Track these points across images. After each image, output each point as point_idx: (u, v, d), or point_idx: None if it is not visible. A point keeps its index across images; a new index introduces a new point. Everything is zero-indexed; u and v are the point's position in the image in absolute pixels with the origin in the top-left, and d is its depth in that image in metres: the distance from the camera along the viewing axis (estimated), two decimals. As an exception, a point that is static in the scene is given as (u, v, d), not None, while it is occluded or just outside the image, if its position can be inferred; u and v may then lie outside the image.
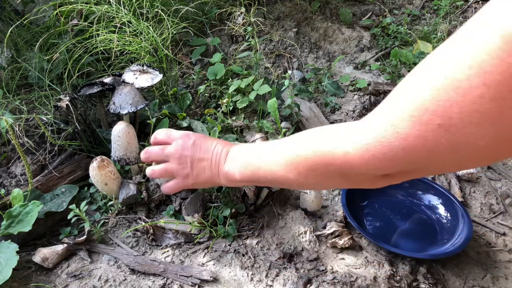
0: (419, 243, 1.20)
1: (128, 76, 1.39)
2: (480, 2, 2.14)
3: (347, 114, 1.63)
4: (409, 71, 1.82)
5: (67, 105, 1.34)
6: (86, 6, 1.50)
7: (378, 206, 1.31)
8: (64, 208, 1.22)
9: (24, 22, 1.62)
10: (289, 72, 1.69)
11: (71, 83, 1.46)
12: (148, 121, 1.36)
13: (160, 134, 1.06)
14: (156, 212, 1.29)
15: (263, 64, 1.78)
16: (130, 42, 1.47)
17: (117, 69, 1.56)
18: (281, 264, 1.10)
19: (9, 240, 1.08)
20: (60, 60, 1.53)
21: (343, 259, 1.13)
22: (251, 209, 1.26)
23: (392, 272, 1.08)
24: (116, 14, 1.47)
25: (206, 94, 1.66)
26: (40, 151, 1.40)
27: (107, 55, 1.55)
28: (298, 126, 1.57)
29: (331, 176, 0.72)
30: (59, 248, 1.15)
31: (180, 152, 0.99)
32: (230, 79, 1.67)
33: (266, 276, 1.07)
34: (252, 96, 1.57)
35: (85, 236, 1.17)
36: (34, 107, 1.49)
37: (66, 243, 1.17)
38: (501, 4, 0.43)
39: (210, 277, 1.06)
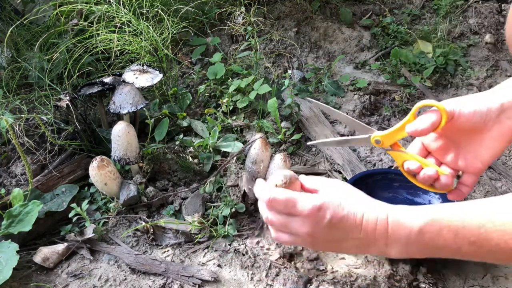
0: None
1: (128, 75, 1.39)
2: (480, 2, 2.14)
3: (347, 113, 1.63)
4: (409, 70, 1.82)
5: (67, 104, 1.34)
6: (86, 6, 1.50)
7: (378, 206, 1.31)
8: (64, 207, 1.22)
9: (24, 22, 1.62)
10: (289, 71, 1.69)
11: (71, 82, 1.46)
12: (146, 121, 1.36)
13: (278, 203, 0.71)
14: (156, 212, 1.29)
15: (263, 64, 1.78)
16: (130, 41, 1.47)
17: (117, 68, 1.56)
18: (281, 263, 1.10)
19: (9, 240, 1.08)
20: (60, 60, 1.53)
21: (343, 258, 1.13)
22: (251, 209, 1.26)
23: (392, 272, 1.08)
24: (116, 14, 1.47)
25: (206, 94, 1.66)
26: (40, 151, 1.40)
27: (107, 54, 1.55)
28: (298, 125, 1.57)
29: None
30: (60, 247, 1.15)
31: (311, 237, 0.71)
32: (230, 78, 1.67)
33: (266, 275, 1.07)
34: (252, 95, 1.57)
35: (93, 234, 1.17)
36: (34, 107, 1.49)
37: (71, 240, 1.18)
38: None
39: (211, 277, 1.06)
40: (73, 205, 1.17)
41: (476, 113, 0.68)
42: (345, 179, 1.39)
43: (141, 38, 1.49)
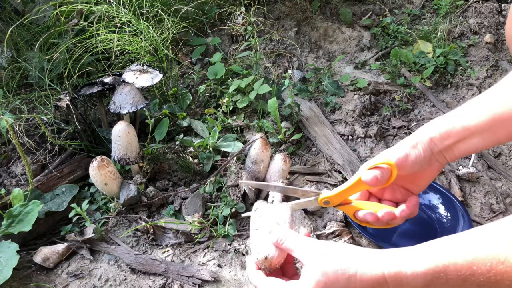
0: (419, 242, 1.19)
1: (128, 75, 1.40)
2: (480, 2, 2.14)
3: (347, 113, 1.63)
4: (409, 70, 1.82)
5: (67, 104, 1.34)
6: (86, 6, 1.50)
7: (378, 206, 1.31)
8: (64, 207, 1.22)
9: (24, 22, 1.62)
10: (289, 71, 1.69)
11: (71, 82, 1.46)
12: (146, 121, 1.36)
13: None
14: (156, 212, 1.29)
15: (263, 64, 1.78)
16: (130, 41, 1.47)
17: (117, 68, 1.57)
18: (281, 263, 1.10)
19: (10, 240, 1.08)
20: (60, 60, 1.53)
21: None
22: (251, 209, 1.26)
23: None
24: (116, 14, 1.47)
25: (206, 94, 1.66)
26: (40, 151, 1.40)
27: (107, 54, 1.55)
28: (298, 125, 1.57)
29: None
30: (60, 247, 1.15)
31: None
32: (230, 78, 1.67)
33: (266, 275, 1.07)
34: (252, 95, 1.57)
35: (93, 234, 1.17)
36: (34, 107, 1.49)
37: (71, 240, 1.18)
38: None
39: (211, 277, 1.06)
40: (73, 205, 1.17)
41: (416, 163, 0.74)
42: (345, 179, 1.39)
43: (141, 38, 1.49)
